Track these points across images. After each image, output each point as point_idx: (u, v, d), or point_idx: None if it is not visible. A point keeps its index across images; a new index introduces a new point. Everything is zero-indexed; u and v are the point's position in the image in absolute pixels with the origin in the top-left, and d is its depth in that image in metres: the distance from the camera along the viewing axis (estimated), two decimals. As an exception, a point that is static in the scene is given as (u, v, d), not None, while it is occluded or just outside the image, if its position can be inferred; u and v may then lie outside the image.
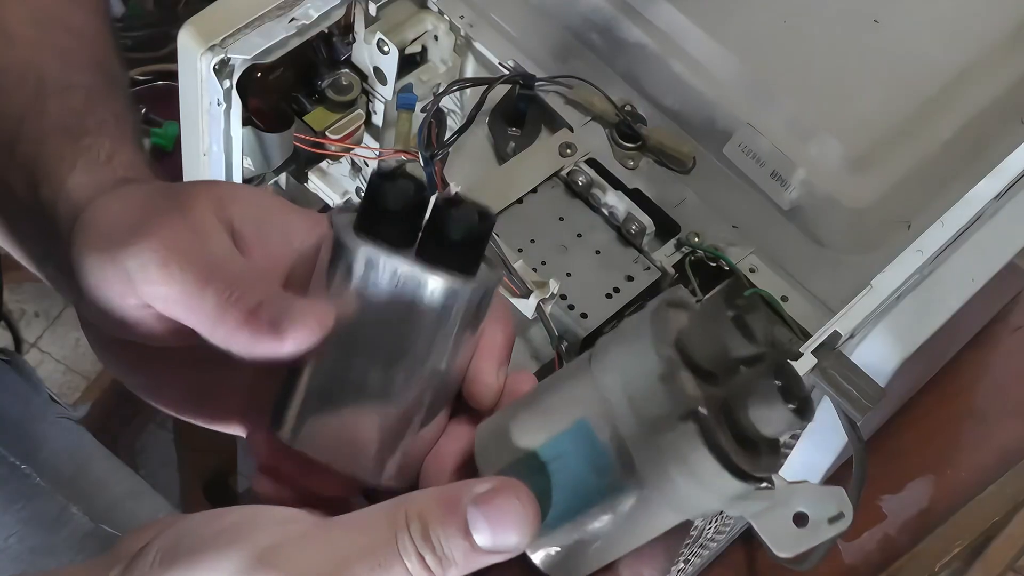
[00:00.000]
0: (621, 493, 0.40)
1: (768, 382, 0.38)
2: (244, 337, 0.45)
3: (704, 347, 0.39)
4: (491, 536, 0.40)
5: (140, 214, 0.49)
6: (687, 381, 0.39)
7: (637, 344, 0.39)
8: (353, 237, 0.44)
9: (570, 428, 0.41)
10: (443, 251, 0.43)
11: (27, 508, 0.84)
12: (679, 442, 0.39)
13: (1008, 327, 1.11)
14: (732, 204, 0.76)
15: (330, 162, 0.87)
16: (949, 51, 0.79)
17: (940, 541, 1.03)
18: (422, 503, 0.41)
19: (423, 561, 0.40)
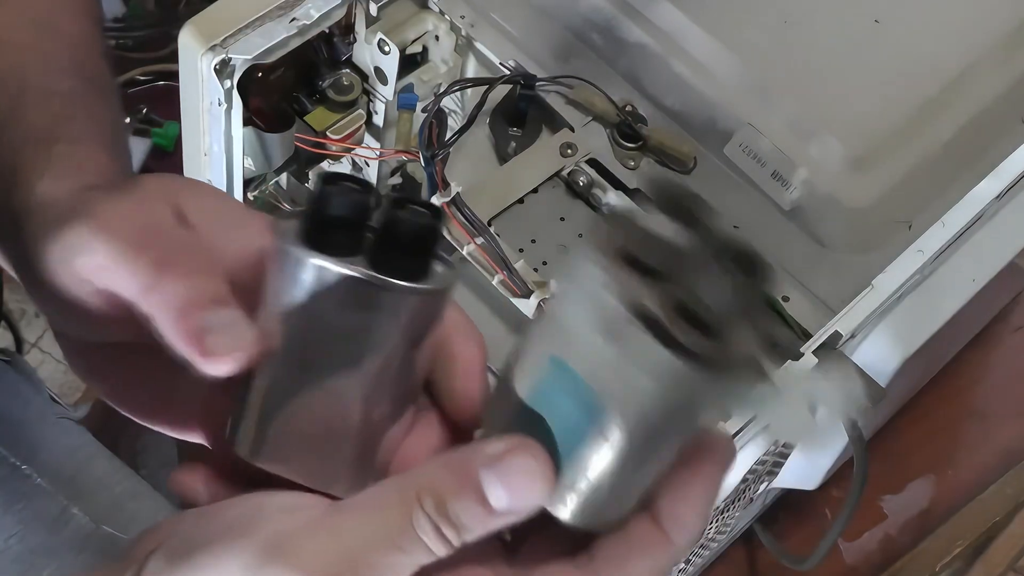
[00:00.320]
0: (612, 422, 0.39)
1: (705, 261, 0.37)
2: (170, 324, 0.44)
3: (647, 249, 0.38)
4: (508, 498, 0.40)
5: (87, 199, 0.49)
6: (629, 282, 0.38)
7: (579, 264, 0.38)
8: (299, 246, 0.42)
9: (547, 369, 0.40)
10: (394, 255, 0.42)
11: (28, 508, 0.84)
12: (634, 347, 0.38)
13: (1009, 327, 1.11)
14: (733, 204, 0.76)
15: (331, 162, 0.87)
16: (950, 51, 0.79)
17: (941, 541, 1.04)
18: (433, 476, 0.40)
19: (441, 534, 0.40)
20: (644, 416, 0.39)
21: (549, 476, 0.40)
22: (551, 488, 0.40)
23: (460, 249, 0.74)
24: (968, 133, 0.78)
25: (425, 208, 0.42)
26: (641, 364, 0.38)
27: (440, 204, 0.41)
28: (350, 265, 0.41)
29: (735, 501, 0.79)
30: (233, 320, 0.43)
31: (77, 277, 0.47)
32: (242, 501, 0.43)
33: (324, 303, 0.42)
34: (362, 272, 0.41)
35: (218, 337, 0.43)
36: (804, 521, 1.01)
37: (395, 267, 0.42)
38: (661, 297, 0.38)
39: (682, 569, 0.84)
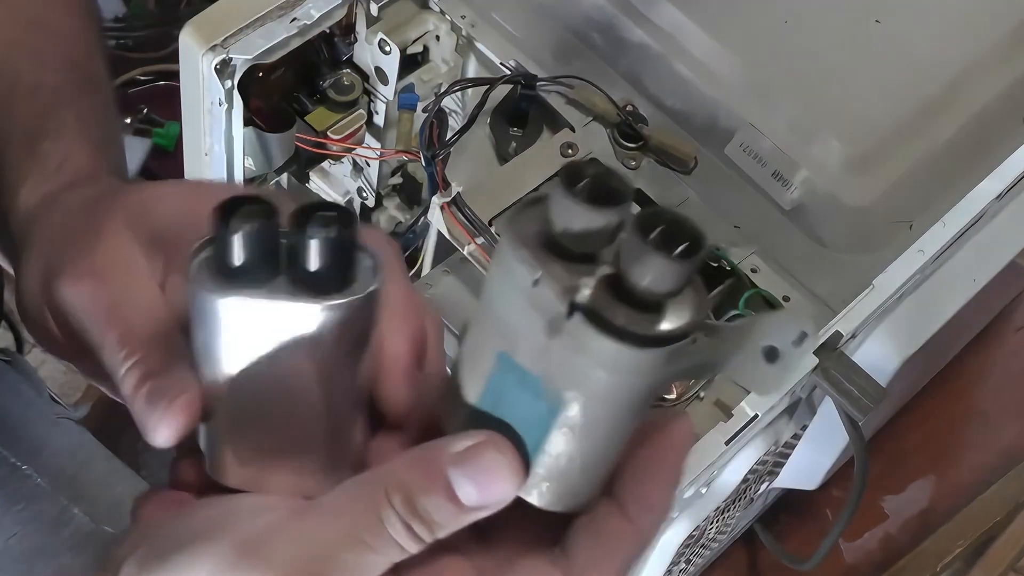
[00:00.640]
0: (565, 407, 0.39)
1: (633, 239, 0.36)
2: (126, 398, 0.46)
3: (567, 234, 0.37)
4: (478, 494, 0.39)
5: (59, 246, 0.50)
6: (558, 275, 0.37)
7: (504, 259, 0.38)
8: (210, 288, 0.41)
9: (496, 365, 0.39)
10: (308, 274, 0.41)
11: (28, 509, 0.84)
12: (576, 339, 0.37)
13: (1010, 327, 1.11)
14: (734, 204, 0.76)
15: (332, 162, 0.87)
16: (950, 50, 0.79)
17: (942, 541, 1.04)
18: (401, 475, 0.40)
19: (412, 532, 0.39)
20: (601, 401, 0.39)
21: (518, 470, 0.40)
22: (521, 482, 0.40)
23: (461, 249, 0.74)
24: (969, 133, 0.78)
25: (334, 212, 0.40)
26: (587, 355, 0.37)
27: (348, 205, 0.40)
28: (264, 296, 0.41)
29: (736, 501, 0.79)
30: (157, 390, 0.44)
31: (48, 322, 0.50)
32: (212, 504, 0.43)
33: (248, 334, 0.42)
34: (278, 299, 0.41)
35: (147, 415, 0.44)
36: (805, 521, 1.01)
37: (313, 284, 0.41)
38: (592, 282, 0.37)
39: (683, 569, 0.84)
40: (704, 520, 0.71)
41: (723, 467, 0.69)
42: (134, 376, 0.45)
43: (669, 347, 0.37)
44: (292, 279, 0.41)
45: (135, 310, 0.47)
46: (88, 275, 0.48)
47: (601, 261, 0.38)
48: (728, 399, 0.69)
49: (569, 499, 0.41)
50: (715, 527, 0.80)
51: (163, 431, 0.43)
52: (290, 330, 0.41)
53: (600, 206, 0.37)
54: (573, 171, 0.37)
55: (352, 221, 0.40)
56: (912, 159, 0.76)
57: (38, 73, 0.61)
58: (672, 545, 0.70)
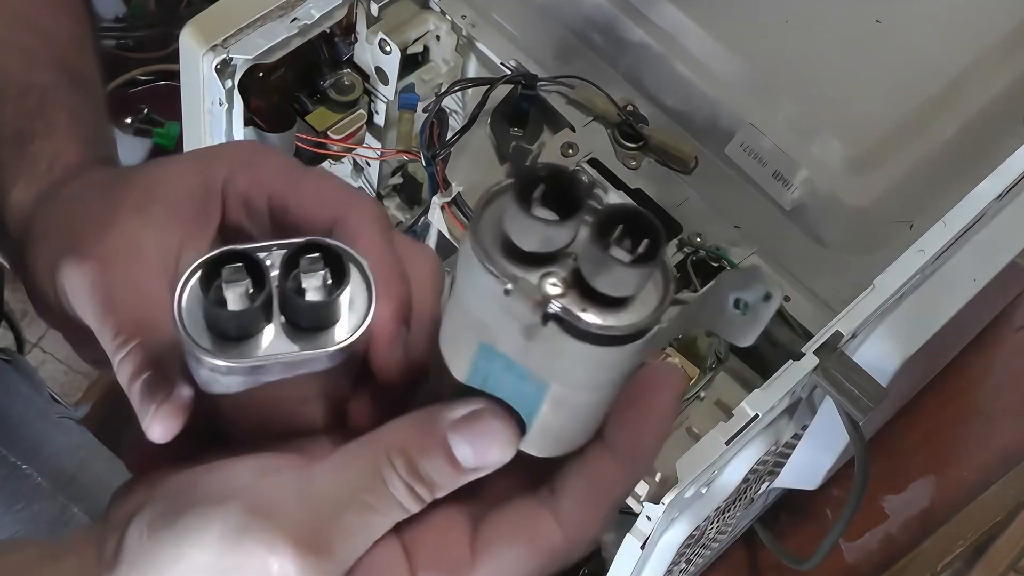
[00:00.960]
0: (551, 389, 0.40)
1: (592, 248, 0.37)
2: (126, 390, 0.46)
3: (528, 237, 0.38)
4: (475, 456, 0.41)
5: (67, 231, 0.50)
6: (526, 287, 0.38)
7: (472, 266, 0.38)
8: (201, 343, 0.41)
9: (478, 352, 0.40)
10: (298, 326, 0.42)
11: (28, 508, 0.84)
12: (552, 343, 0.38)
13: (1011, 327, 1.11)
14: (734, 204, 0.76)
15: (332, 162, 0.87)
16: (951, 51, 0.79)
17: (942, 541, 1.03)
18: (402, 437, 0.41)
19: (413, 492, 0.41)
20: (585, 387, 0.40)
21: (513, 435, 0.41)
22: (516, 445, 0.41)
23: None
24: (969, 133, 0.78)
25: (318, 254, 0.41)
26: (564, 356, 0.38)
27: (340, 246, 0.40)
28: (256, 357, 0.41)
29: (736, 501, 0.79)
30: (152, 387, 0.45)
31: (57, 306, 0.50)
32: (216, 467, 0.43)
33: (241, 380, 0.43)
34: (270, 358, 0.41)
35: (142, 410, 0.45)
36: (805, 521, 1.01)
37: (306, 327, 0.42)
38: (560, 285, 0.38)
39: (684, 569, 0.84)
40: (704, 520, 0.71)
41: (723, 467, 0.69)
42: (128, 367, 0.46)
43: (642, 339, 0.38)
44: (287, 319, 0.42)
45: (136, 298, 0.47)
46: (94, 259, 0.48)
47: (566, 254, 0.38)
48: (728, 399, 0.69)
49: (560, 448, 0.43)
50: (715, 527, 0.80)
51: (156, 429, 0.44)
52: (287, 370, 0.42)
53: (557, 222, 0.37)
54: (525, 182, 0.37)
55: (341, 264, 0.41)
56: (912, 159, 0.76)
57: (28, 73, 0.61)
58: (672, 545, 0.70)
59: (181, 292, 0.41)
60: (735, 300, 0.40)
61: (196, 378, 0.44)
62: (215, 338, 0.41)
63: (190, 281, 0.41)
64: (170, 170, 0.51)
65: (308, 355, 0.42)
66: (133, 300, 0.47)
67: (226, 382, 0.43)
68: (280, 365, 0.42)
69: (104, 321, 0.47)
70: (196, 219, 0.49)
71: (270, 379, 0.43)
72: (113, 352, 0.46)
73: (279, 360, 0.42)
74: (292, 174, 0.49)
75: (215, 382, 0.43)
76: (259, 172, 0.49)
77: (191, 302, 0.41)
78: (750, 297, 0.39)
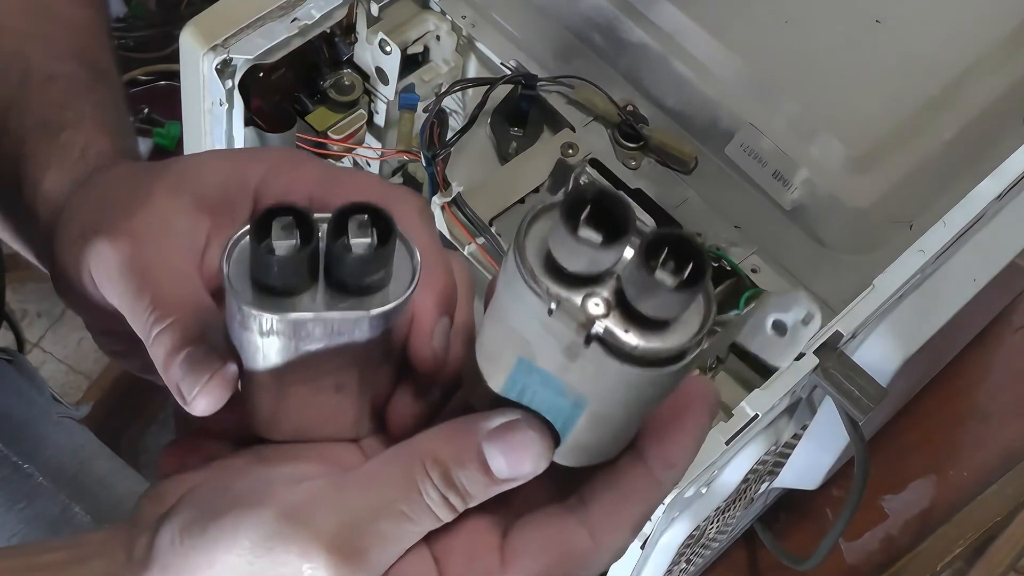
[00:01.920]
0: (589, 404, 0.40)
1: (638, 272, 0.37)
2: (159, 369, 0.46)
3: (574, 259, 0.38)
4: (509, 467, 0.41)
5: (98, 210, 0.50)
6: (570, 308, 0.38)
7: (515, 283, 0.38)
8: (247, 297, 0.41)
9: (516, 367, 0.41)
10: (344, 283, 0.42)
11: (29, 508, 0.84)
12: (594, 363, 0.38)
13: (1010, 327, 1.11)
14: (734, 204, 0.76)
15: (332, 162, 0.87)
16: (951, 51, 0.79)
17: (942, 541, 1.03)
18: (437, 448, 0.42)
19: (447, 502, 0.41)
20: (625, 404, 0.40)
21: (547, 447, 0.41)
22: (549, 457, 0.42)
23: (462, 249, 0.74)
24: (969, 133, 0.78)
25: (367, 217, 0.41)
26: (606, 376, 0.39)
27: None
28: (301, 310, 0.41)
29: (736, 501, 0.79)
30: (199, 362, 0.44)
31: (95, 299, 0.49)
32: (248, 473, 0.43)
33: (285, 341, 0.43)
34: (315, 315, 0.41)
35: (186, 384, 0.44)
36: (805, 521, 1.01)
37: (351, 289, 0.42)
38: (603, 305, 0.38)
39: (684, 569, 0.84)
40: (704, 520, 0.71)
41: (723, 467, 0.69)
42: (168, 341, 0.45)
43: (683, 361, 0.38)
44: (330, 283, 0.42)
45: (171, 274, 0.47)
46: (127, 235, 0.48)
47: (609, 273, 0.39)
48: (728, 399, 0.69)
49: (592, 459, 0.43)
50: (715, 527, 0.80)
51: (201, 403, 0.44)
52: (328, 335, 0.42)
53: (603, 245, 0.38)
54: (573, 204, 0.37)
55: (391, 229, 0.41)
56: (912, 159, 0.76)
57: (51, 63, 0.61)
58: (672, 545, 0.70)
59: (233, 245, 0.42)
60: (774, 322, 0.40)
61: (238, 346, 0.44)
62: (259, 294, 0.41)
63: (242, 238, 0.42)
64: (205, 163, 0.51)
65: (348, 315, 0.41)
66: (166, 276, 0.47)
67: (267, 348, 0.43)
68: (320, 328, 0.42)
69: (138, 297, 0.46)
70: (226, 212, 0.49)
71: (310, 348, 0.42)
72: (148, 328, 0.46)
73: (318, 318, 0.41)
74: (331, 173, 0.49)
75: (255, 350, 0.43)
76: (297, 174, 0.49)
77: (238, 263, 0.42)
78: (789, 320, 0.40)
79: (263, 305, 0.41)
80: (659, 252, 0.37)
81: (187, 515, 0.42)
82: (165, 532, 0.42)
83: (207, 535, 0.41)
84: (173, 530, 0.42)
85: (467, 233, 0.73)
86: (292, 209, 0.41)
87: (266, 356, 0.43)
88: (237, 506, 0.41)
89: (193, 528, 0.41)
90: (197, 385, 0.44)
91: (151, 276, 0.47)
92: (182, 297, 0.46)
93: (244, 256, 0.42)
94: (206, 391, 0.44)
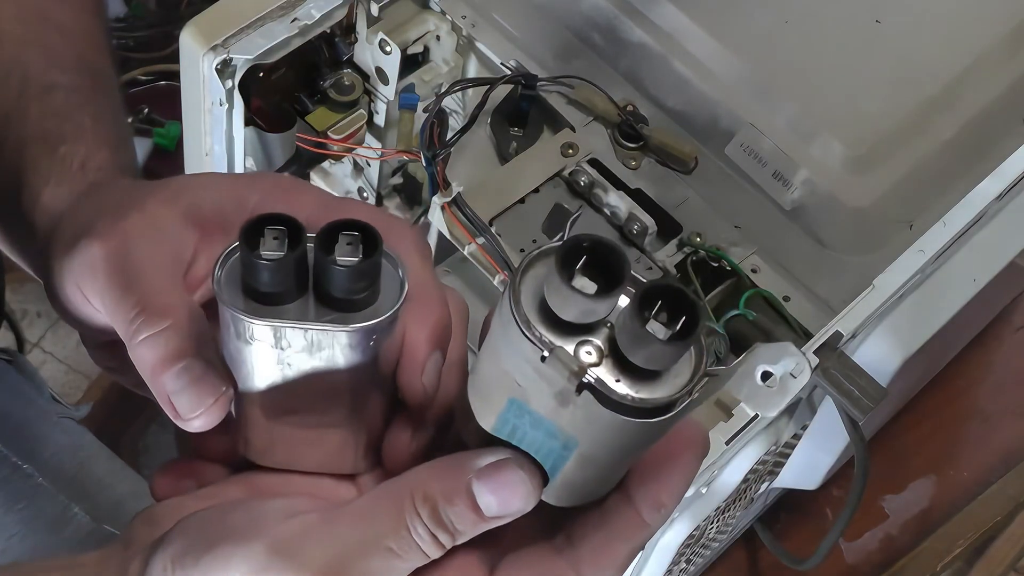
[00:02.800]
0: (579, 446, 0.41)
1: (631, 324, 0.37)
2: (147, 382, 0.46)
3: (568, 308, 0.38)
4: (498, 505, 0.42)
5: (92, 218, 0.50)
6: (563, 356, 0.38)
7: (510, 327, 0.39)
8: (238, 304, 0.42)
9: (507, 406, 0.41)
10: (332, 298, 0.42)
11: (29, 508, 0.84)
12: (585, 410, 0.39)
13: (1010, 327, 1.11)
14: (734, 204, 0.76)
15: (332, 162, 0.87)
16: (950, 51, 0.79)
17: (942, 541, 1.03)
18: (426, 484, 0.42)
19: (435, 539, 0.41)
20: (614, 449, 0.41)
21: (536, 486, 0.42)
22: (538, 496, 0.42)
23: (461, 249, 0.74)
24: (969, 133, 0.78)
25: (358, 234, 0.41)
26: (596, 422, 0.39)
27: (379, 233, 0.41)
28: (290, 321, 0.42)
29: (736, 501, 0.79)
30: (198, 379, 0.45)
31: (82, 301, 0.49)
32: (241, 505, 0.44)
33: (275, 351, 0.43)
34: (303, 326, 0.42)
35: (184, 399, 0.45)
36: (805, 521, 1.01)
37: (339, 304, 0.42)
38: (595, 354, 0.39)
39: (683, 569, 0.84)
40: (704, 520, 0.71)
41: (723, 467, 0.69)
42: (160, 348, 0.45)
43: (673, 412, 0.39)
44: (319, 297, 0.42)
45: (161, 277, 0.47)
46: (117, 233, 0.48)
47: (603, 324, 0.39)
48: (728, 399, 0.69)
49: (580, 499, 0.43)
50: (715, 527, 0.80)
51: (198, 422, 0.45)
52: (316, 348, 0.43)
53: (597, 296, 0.38)
54: (568, 253, 0.38)
55: (376, 244, 0.41)
56: (912, 159, 0.76)
57: (50, 72, 0.61)
58: (672, 545, 0.70)
59: (228, 254, 0.42)
60: (763, 372, 0.41)
61: (229, 361, 0.44)
62: (248, 301, 0.42)
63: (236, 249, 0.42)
64: (203, 181, 0.51)
65: (328, 327, 0.42)
66: (156, 278, 0.47)
67: (254, 360, 0.43)
68: (302, 339, 0.42)
69: (124, 295, 0.46)
70: (217, 230, 0.49)
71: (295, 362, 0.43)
72: (131, 328, 0.46)
73: (298, 326, 0.42)
74: (330, 201, 0.49)
75: (244, 363, 0.43)
76: (296, 199, 0.49)
77: (231, 271, 0.42)
78: (778, 371, 0.41)
79: (248, 310, 0.42)
80: (653, 303, 0.38)
81: (180, 544, 0.42)
82: (158, 560, 0.42)
83: (199, 566, 0.41)
84: (166, 559, 0.42)
85: (467, 233, 0.72)
86: (285, 219, 0.41)
87: (255, 370, 0.44)
88: (229, 538, 0.41)
89: (186, 559, 0.42)
90: (200, 405, 0.44)
91: (140, 275, 0.47)
92: (172, 302, 0.46)
93: (236, 266, 0.42)
94: (206, 413, 0.45)
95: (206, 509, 0.44)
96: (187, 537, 0.42)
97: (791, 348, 0.41)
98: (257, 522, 0.42)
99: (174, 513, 0.44)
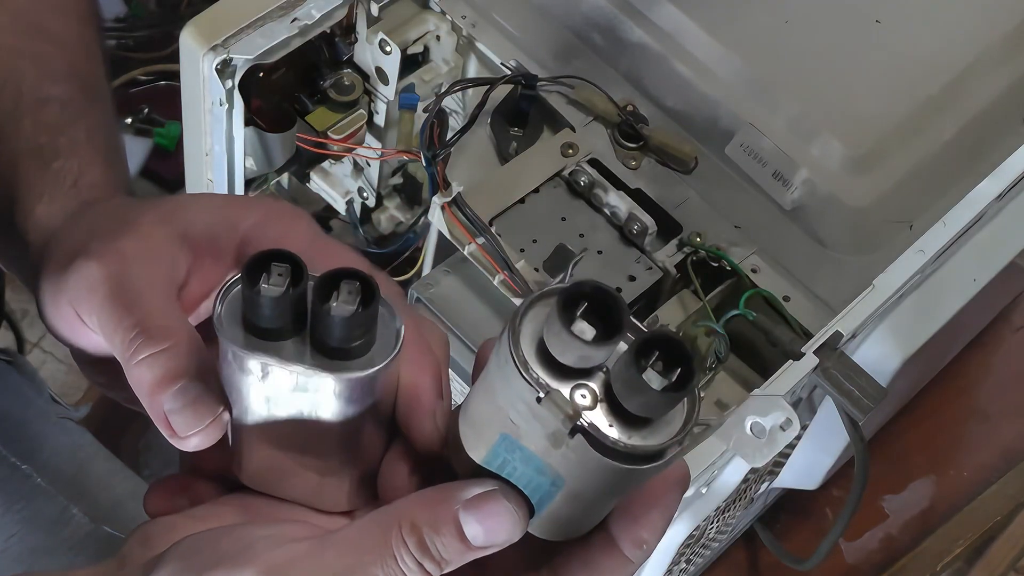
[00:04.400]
0: (567, 484, 0.41)
1: (627, 372, 0.38)
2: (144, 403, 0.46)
3: (567, 353, 0.39)
4: (484, 535, 0.42)
5: (86, 238, 0.50)
6: (559, 399, 0.39)
7: (507, 366, 0.40)
8: (236, 338, 0.43)
9: (499, 440, 0.42)
10: (328, 345, 0.43)
11: (28, 508, 0.84)
12: (577, 452, 0.39)
13: (1010, 327, 1.11)
14: (734, 204, 0.76)
15: (332, 162, 0.87)
16: (950, 51, 0.79)
17: (942, 541, 1.04)
18: (414, 514, 0.42)
19: (422, 568, 0.42)
20: (600, 489, 0.41)
21: (523, 517, 0.42)
22: (524, 528, 0.43)
23: (461, 249, 0.74)
24: (969, 133, 0.78)
25: (356, 282, 0.42)
26: (588, 464, 0.40)
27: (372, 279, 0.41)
28: (286, 362, 0.42)
29: (736, 501, 0.79)
30: (195, 399, 0.45)
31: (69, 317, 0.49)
32: (234, 531, 0.44)
33: (271, 387, 0.44)
34: (298, 369, 0.42)
35: (181, 419, 0.45)
36: (805, 521, 1.01)
37: (335, 352, 0.43)
38: (590, 397, 0.39)
39: (684, 569, 0.84)
40: (704, 520, 0.71)
41: (723, 467, 0.69)
42: (158, 369, 0.46)
43: (663, 459, 0.40)
44: (315, 345, 0.43)
45: (158, 299, 0.47)
46: (114, 254, 0.48)
47: (600, 369, 0.40)
48: (728, 399, 0.69)
49: (565, 534, 0.44)
50: (715, 527, 0.80)
51: (193, 442, 0.45)
52: (302, 390, 0.43)
53: (596, 343, 0.39)
54: (569, 299, 0.38)
55: (374, 295, 0.42)
56: (912, 159, 0.76)
57: (44, 84, 0.61)
58: (672, 545, 0.70)
59: (231, 285, 0.43)
60: (752, 424, 0.42)
61: (227, 388, 0.45)
62: (246, 335, 0.43)
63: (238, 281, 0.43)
64: (197, 201, 0.52)
65: (311, 371, 0.42)
66: (154, 300, 0.47)
67: (247, 391, 0.44)
68: (289, 379, 0.43)
69: (123, 315, 0.47)
70: (209, 252, 0.50)
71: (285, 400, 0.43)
72: (129, 349, 0.46)
73: (285, 367, 0.42)
74: (320, 239, 0.50)
75: (238, 393, 0.44)
76: (290, 228, 0.50)
77: (231, 301, 0.43)
78: (768, 423, 0.42)
79: (244, 342, 0.42)
80: (650, 353, 0.38)
81: (174, 568, 0.43)
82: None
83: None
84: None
85: (467, 233, 0.72)
86: (290, 257, 0.42)
87: (247, 399, 0.44)
88: (221, 563, 0.42)
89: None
90: (196, 425, 0.45)
91: (138, 296, 0.47)
92: (171, 324, 0.47)
93: (238, 297, 0.43)
94: (204, 433, 0.45)
95: (200, 533, 0.44)
96: (180, 560, 0.43)
97: (781, 402, 0.41)
98: (248, 548, 0.43)
99: (169, 534, 0.45)
